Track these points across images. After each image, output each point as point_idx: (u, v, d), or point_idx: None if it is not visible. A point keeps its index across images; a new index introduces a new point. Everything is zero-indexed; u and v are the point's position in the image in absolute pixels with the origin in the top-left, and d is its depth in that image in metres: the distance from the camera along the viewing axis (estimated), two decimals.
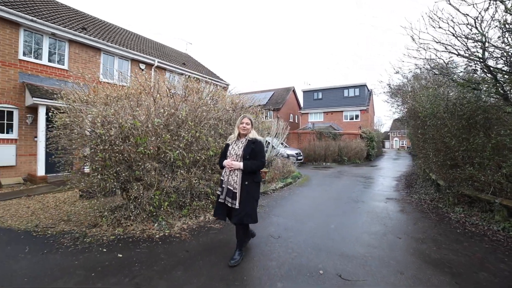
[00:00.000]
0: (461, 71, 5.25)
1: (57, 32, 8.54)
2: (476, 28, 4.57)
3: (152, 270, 2.76)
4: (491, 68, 4.55)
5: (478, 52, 4.56)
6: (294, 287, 2.45)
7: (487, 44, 4.52)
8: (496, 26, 4.37)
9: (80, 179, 3.86)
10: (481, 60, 4.54)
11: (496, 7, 4.28)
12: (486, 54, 4.53)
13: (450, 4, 4.63)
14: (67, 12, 10.91)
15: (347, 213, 4.97)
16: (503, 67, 4.42)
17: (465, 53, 4.61)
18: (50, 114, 4.13)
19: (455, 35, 4.61)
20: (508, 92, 4.28)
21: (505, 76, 4.26)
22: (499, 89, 4.32)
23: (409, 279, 2.60)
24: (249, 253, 3.18)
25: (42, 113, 7.69)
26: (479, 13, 4.47)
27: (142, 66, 11.39)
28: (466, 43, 4.56)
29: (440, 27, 4.88)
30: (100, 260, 2.97)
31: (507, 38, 4.13)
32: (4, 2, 7.53)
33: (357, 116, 23.39)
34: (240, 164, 2.85)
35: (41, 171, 7.67)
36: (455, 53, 4.72)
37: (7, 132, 7.64)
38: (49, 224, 4.15)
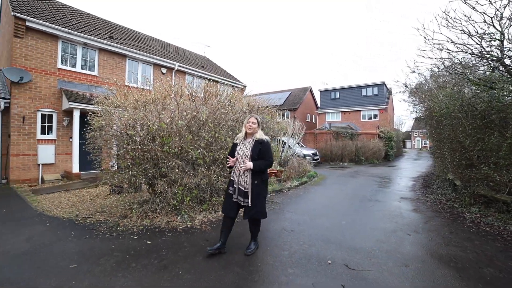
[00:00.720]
0: (477, 70, 5.21)
1: (89, 42, 9.31)
2: (494, 26, 4.55)
3: (177, 255, 3.13)
4: (508, 67, 4.51)
5: (493, 52, 4.54)
6: (303, 273, 2.71)
7: (506, 43, 4.49)
8: None
9: (113, 175, 4.34)
10: (498, 59, 4.52)
11: None
12: (504, 52, 4.50)
13: (465, 3, 4.64)
14: (96, 22, 11.79)
15: (359, 211, 5.12)
16: None
17: (480, 52, 4.61)
18: (88, 117, 4.67)
19: (469, 34, 4.61)
20: None
21: None
22: None
23: (413, 271, 2.77)
24: (263, 244, 3.47)
25: (76, 116, 8.44)
26: (497, 10, 4.44)
27: (164, 70, 12.01)
28: (480, 43, 4.56)
29: (454, 27, 4.89)
30: (132, 245, 3.39)
31: None
32: (47, 18, 8.37)
33: (375, 116, 22.93)
34: (250, 164, 2.99)
35: (75, 168, 8.43)
36: (469, 53, 4.72)
37: (48, 133, 8.48)
38: (87, 214, 4.68)
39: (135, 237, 3.65)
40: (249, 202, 3.00)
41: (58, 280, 2.53)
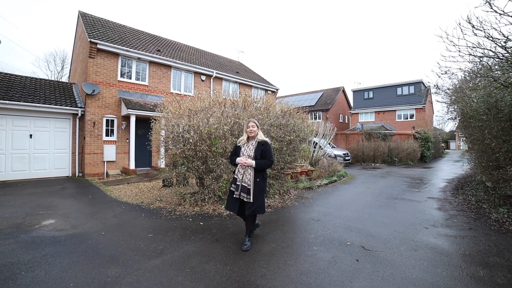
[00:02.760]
0: (509, 73, 5.30)
1: (142, 56, 10.83)
2: None
3: (224, 233, 3.98)
4: None
5: None
6: (325, 249, 3.37)
7: None
8: None
9: (171, 170, 5.39)
10: None
11: None
12: None
13: (492, 9, 4.85)
14: (145, 37, 13.45)
15: (383, 206, 5.54)
16: None
17: (506, 57, 4.77)
18: (151, 124, 5.81)
19: (493, 39, 4.80)
20: None
21: None
22: None
23: (421, 255, 3.25)
24: (294, 229, 4.19)
25: (132, 120, 9.94)
26: None
27: (203, 77, 13.23)
28: (504, 46, 4.72)
29: (479, 29, 5.09)
30: (189, 225, 4.33)
31: None
32: (111, 40, 10.02)
33: (412, 116, 22.01)
34: (252, 162, 3.27)
35: (132, 165, 9.93)
36: (494, 57, 4.90)
37: (110, 136, 10.10)
38: (149, 202, 5.81)
39: (190, 219, 4.61)
40: (251, 198, 3.27)
41: (144, 243, 3.53)
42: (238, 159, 3.36)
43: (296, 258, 3.12)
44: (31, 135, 8.67)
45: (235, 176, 3.40)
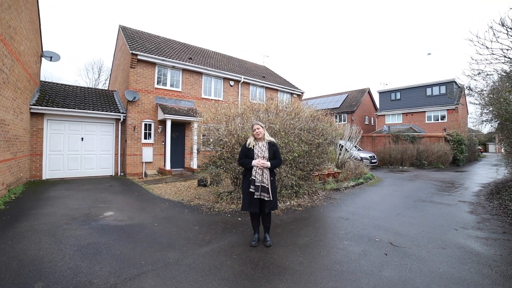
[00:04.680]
0: None
1: (176, 65, 11.67)
2: None
3: (261, 227, 4.39)
4: None
5: None
6: (355, 244, 3.66)
7: None
8: None
9: (210, 170, 5.93)
10: None
11: None
12: None
13: None
14: (178, 46, 14.39)
15: (411, 208, 5.65)
16: None
17: None
18: (192, 127, 6.42)
19: None
20: None
21: None
22: None
23: (448, 253, 3.42)
24: (324, 226, 4.50)
25: (168, 124, 10.75)
26: None
27: (232, 83, 13.85)
28: None
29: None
30: (228, 220, 4.81)
31: None
32: (149, 51, 10.97)
33: (443, 117, 21.04)
34: (268, 164, 3.47)
35: (167, 166, 10.73)
36: None
37: (148, 138, 11.01)
38: (189, 199, 6.40)
39: (229, 215, 5.08)
40: (271, 196, 3.46)
41: (192, 233, 4.06)
42: (255, 162, 3.45)
43: (329, 250, 3.46)
44: (82, 138, 9.78)
45: (252, 177, 3.46)
